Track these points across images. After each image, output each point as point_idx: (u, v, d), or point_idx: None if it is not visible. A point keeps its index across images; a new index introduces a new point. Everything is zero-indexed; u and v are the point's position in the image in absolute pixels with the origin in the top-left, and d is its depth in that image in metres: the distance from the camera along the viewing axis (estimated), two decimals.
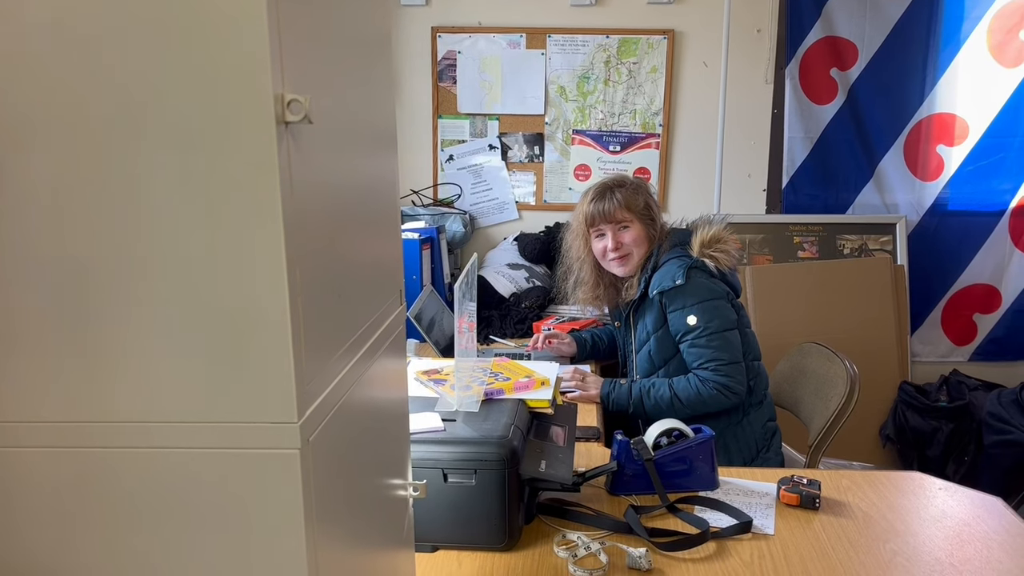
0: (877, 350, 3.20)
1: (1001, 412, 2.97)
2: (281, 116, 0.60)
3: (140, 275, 0.62)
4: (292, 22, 0.63)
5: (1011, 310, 3.41)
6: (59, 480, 0.66)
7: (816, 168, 3.37)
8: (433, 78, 3.41)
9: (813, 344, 2.42)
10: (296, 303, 0.64)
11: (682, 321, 2.08)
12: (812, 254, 3.35)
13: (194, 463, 0.66)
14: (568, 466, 1.44)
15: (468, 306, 1.58)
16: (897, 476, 1.68)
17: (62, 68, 0.59)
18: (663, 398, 2.07)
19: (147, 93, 0.59)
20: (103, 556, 0.68)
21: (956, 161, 3.34)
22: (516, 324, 2.82)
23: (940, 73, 3.27)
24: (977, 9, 3.22)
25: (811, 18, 3.26)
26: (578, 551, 1.34)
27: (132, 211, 0.61)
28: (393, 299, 1.01)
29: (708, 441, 1.58)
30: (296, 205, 0.64)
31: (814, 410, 2.27)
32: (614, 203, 2.19)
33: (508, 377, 1.63)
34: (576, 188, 3.43)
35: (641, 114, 3.38)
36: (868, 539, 1.41)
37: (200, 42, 0.59)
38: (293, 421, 0.65)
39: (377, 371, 0.92)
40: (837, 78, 3.30)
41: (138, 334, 0.63)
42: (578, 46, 3.34)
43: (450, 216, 3.34)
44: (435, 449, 1.34)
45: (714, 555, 1.35)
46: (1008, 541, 1.40)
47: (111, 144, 0.60)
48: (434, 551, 1.35)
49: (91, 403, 0.65)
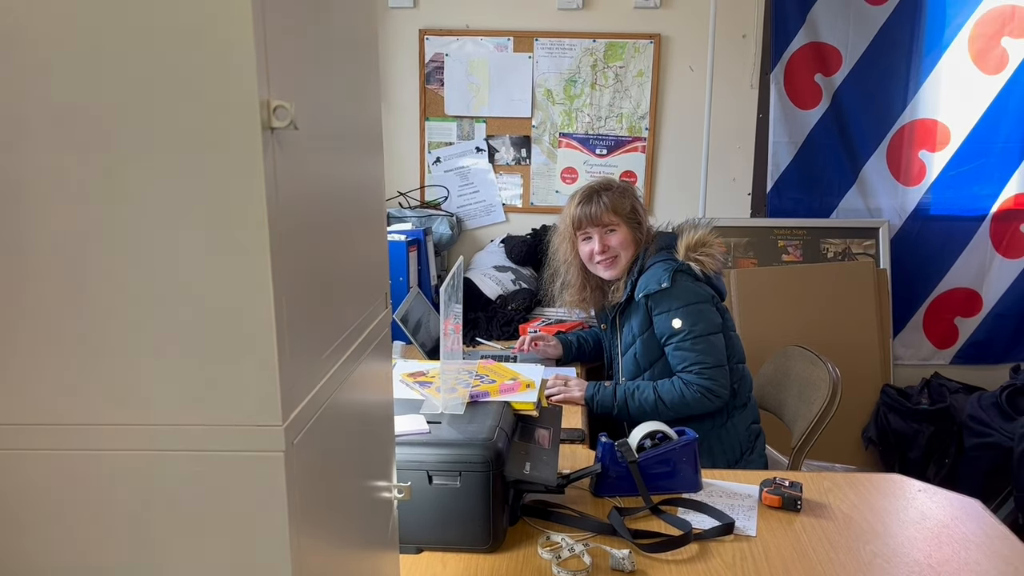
0: (860, 353, 3.22)
1: (981, 415, 3.00)
2: (267, 122, 0.61)
3: (125, 278, 0.63)
4: (278, 28, 0.64)
5: (992, 314, 3.44)
6: (43, 482, 0.67)
7: (800, 172, 3.39)
8: (420, 80, 3.41)
9: (797, 347, 2.44)
10: (281, 306, 0.64)
11: (667, 324, 2.10)
12: (796, 258, 3.37)
13: (178, 465, 0.66)
14: (552, 468, 1.45)
15: (454, 308, 1.59)
16: (877, 478, 1.70)
17: (53, 73, 0.60)
18: (647, 401, 2.08)
19: (134, 98, 0.60)
20: (88, 558, 0.68)
21: (938, 166, 3.37)
22: (502, 326, 2.82)
23: (923, 79, 3.31)
24: (959, 16, 3.25)
25: (796, 24, 3.28)
26: (562, 552, 1.34)
27: (118, 214, 0.62)
28: (379, 302, 1.01)
29: (691, 443, 1.59)
30: (282, 209, 0.64)
31: (797, 413, 2.29)
32: (601, 206, 2.20)
33: (494, 379, 1.64)
34: (563, 191, 3.44)
35: (627, 118, 3.40)
36: (848, 540, 1.42)
37: (186, 49, 0.59)
38: (278, 424, 0.65)
39: (362, 373, 0.92)
40: (821, 83, 3.33)
41: (123, 337, 0.64)
42: (565, 50, 3.35)
43: (437, 218, 3.35)
44: (420, 451, 1.34)
45: (696, 556, 1.37)
46: (986, 543, 1.42)
47: (99, 147, 0.61)
48: (419, 553, 1.36)
49: (75, 406, 0.65)
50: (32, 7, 0.59)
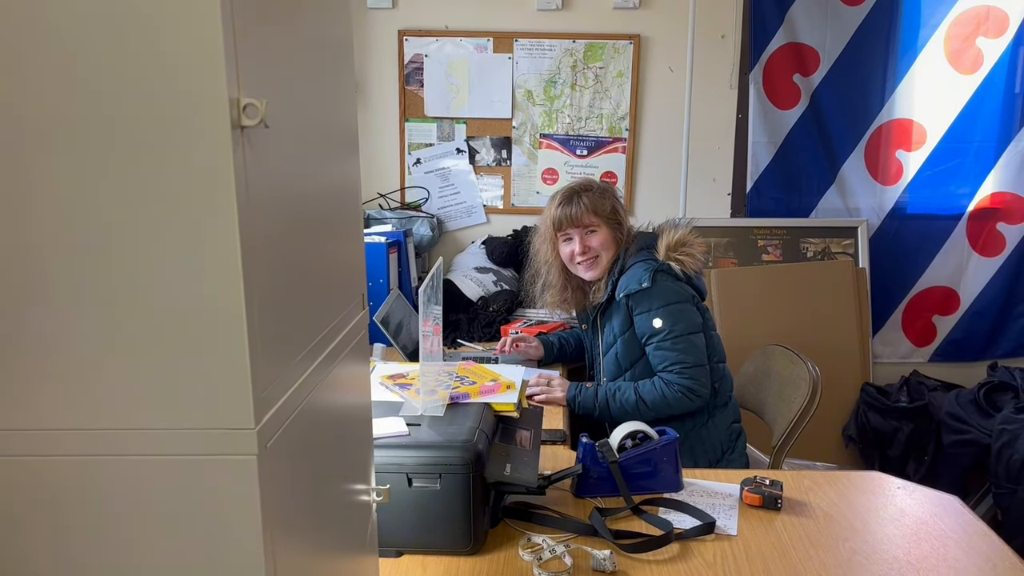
0: (839, 352, 3.24)
1: (959, 412, 3.03)
2: (237, 120, 0.60)
3: (89, 277, 0.61)
4: (248, 26, 0.63)
5: (969, 312, 3.47)
6: (9, 486, 0.65)
7: (780, 172, 3.41)
8: (400, 81, 3.40)
9: (777, 346, 2.45)
10: (252, 307, 0.63)
11: (648, 324, 2.10)
12: (776, 257, 3.39)
13: (149, 469, 0.65)
14: (533, 469, 1.44)
15: (433, 309, 1.58)
16: (857, 476, 1.71)
17: (16, 67, 0.58)
18: (628, 401, 2.08)
19: (100, 94, 0.59)
20: (57, 562, 0.67)
21: (915, 166, 3.40)
22: (484, 328, 2.82)
23: (899, 79, 3.33)
24: (935, 17, 3.28)
25: (774, 24, 3.30)
26: (543, 554, 1.34)
27: (82, 212, 0.60)
28: (355, 303, 1.01)
29: (672, 443, 1.59)
30: (252, 208, 0.63)
31: (777, 412, 2.30)
32: (581, 207, 2.20)
33: (474, 381, 1.63)
34: (544, 192, 3.44)
35: (608, 118, 3.40)
36: (828, 538, 1.43)
37: (154, 46, 0.58)
38: (250, 427, 0.64)
39: (339, 376, 0.91)
40: (800, 84, 3.35)
41: (92, 339, 0.62)
42: (545, 50, 3.35)
43: (417, 219, 3.33)
44: (399, 454, 1.33)
45: (678, 556, 1.37)
46: (964, 539, 1.43)
47: (63, 144, 0.59)
48: (399, 556, 1.35)
49: (43, 410, 0.64)
50: None
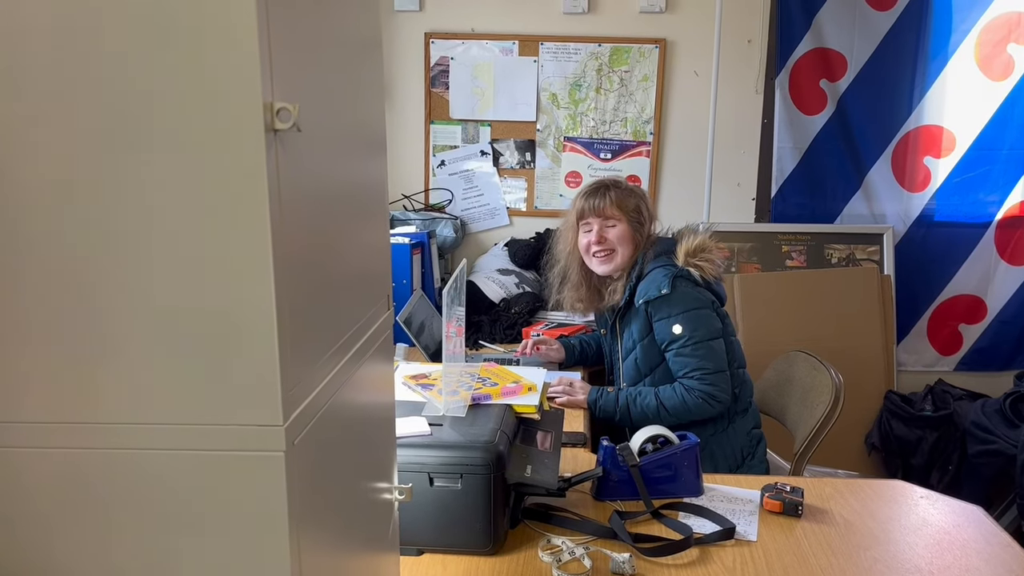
0: (863, 359, 3.22)
1: (985, 422, 2.99)
2: (270, 124, 0.61)
3: (129, 278, 0.63)
4: (281, 31, 0.64)
5: (996, 321, 3.43)
6: (44, 481, 0.67)
7: (805, 178, 3.39)
8: (426, 84, 3.42)
9: (799, 352, 2.44)
10: (283, 307, 0.64)
11: (667, 330, 2.10)
12: (800, 263, 3.37)
13: (179, 465, 0.66)
14: (554, 471, 1.45)
15: (456, 311, 1.59)
16: (879, 484, 1.70)
17: (59, 74, 0.60)
18: (649, 406, 2.08)
19: (136, 98, 0.60)
20: (87, 557, 0.68)
21: (943, 173, 3.37)
22: (506, 329, 2.83)
23: (928, 85, 3.30)
24: (966, 22, 3.25)
25: (801, 29, 3.28)
26: (562, 556, 1.35)
27: (121, 215, 0.62)
28: (381, 303, 1.02)
29: (693, 448, 1.59)
30: (284, 210, 0.64)
31: (799, 418, 2.29)
32: (606, 200, 2.22)
33: (496, 382, 1.64)
34: (567, 195, 3.44)
35: (632, 122, 3.40)
36: (849, 546, 1.42)
37: (189, 50, 0.60)
38: (279, 424, 0.65)
39: (364, 375, 0.92)
40: (826, 89, 3.33)
41: (126, 336, 0.64)
42: (570, 54, 3.36)
43: (441, 221, 3.35)
44: (421, 453, 1.34)
45: (697, 561, 1.37)
46: (986, 549, 1.41)
47: (104, 149, 0.61)
48: (419, 555, 1.36)
49: (77, 404, 0.65)
50: (37, 6, 0.59)
